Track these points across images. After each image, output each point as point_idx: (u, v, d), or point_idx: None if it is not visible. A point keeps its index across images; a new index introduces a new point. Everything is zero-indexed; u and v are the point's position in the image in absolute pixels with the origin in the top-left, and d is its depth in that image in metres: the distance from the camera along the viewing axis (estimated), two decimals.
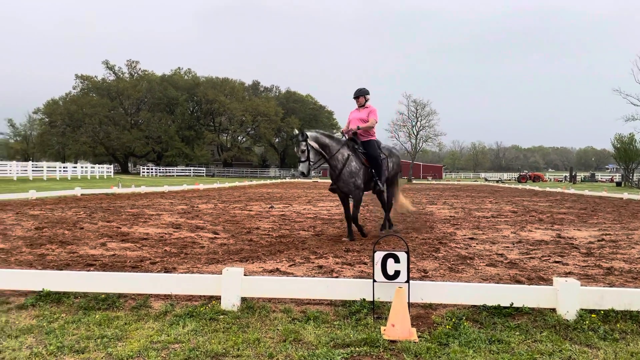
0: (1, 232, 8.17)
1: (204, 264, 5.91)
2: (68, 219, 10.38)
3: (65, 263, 5.85)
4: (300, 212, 13.23)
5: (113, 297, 4.08)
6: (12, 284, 4.16)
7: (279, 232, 9.06)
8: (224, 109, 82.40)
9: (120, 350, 3.15)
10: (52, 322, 3.64)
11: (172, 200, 17.81)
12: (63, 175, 41.48)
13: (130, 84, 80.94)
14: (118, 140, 74.46)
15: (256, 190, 29.23)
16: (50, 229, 8.65)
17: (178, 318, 3.74)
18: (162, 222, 10.32)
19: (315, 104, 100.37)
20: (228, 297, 3.90)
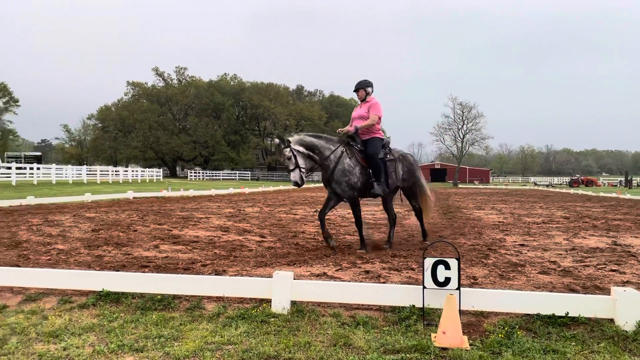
0: (60, 234, 8.57)
1: (252, 267, 6.02)
2: (122, 221, 10.78)
3: (121, 264, 6.09)
4: (345, 217, 13.23)
5: (168, 298, 4.22)
6: (74, 284, 4.37)
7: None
8: (269, 114, 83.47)
9: (176, 350, 3.26)
10: (112, 322, 3.80)
11: (219, 203, 18.19)
12: (115, 179, 43.04)
13: (178, 90, 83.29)
14: (167, 144, 76.64)
15: (300, 194, 29.46)
16: (105, 231, 9.01)
17: (230, 320, 3.83)
18: (211, 225, 10.56)
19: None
20: (278, 301, 3.97)
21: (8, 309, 4.13)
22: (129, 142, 76.90)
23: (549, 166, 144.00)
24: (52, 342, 3.41)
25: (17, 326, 3.68)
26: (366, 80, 7.65)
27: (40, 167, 35.84)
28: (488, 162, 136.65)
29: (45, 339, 3.45)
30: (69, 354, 3.20)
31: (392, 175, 7.56)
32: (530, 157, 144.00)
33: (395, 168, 7.66)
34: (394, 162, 7.65)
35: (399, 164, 7.76)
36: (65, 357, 3.15)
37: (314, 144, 7.07)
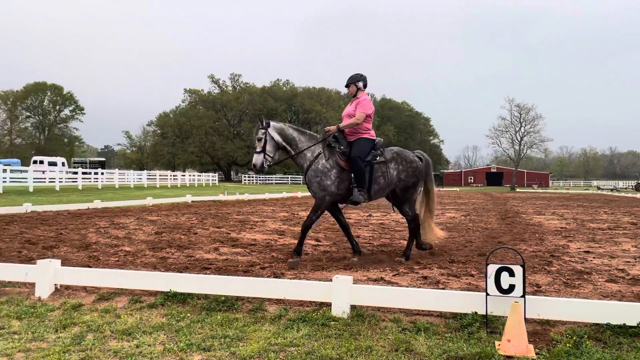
0: (126, 236, 8.97)
1: (310, 271, 6.09)
2: (182, 224, 11.16)
3: (184, 266, 6.31)
4: (399, 221, 13.13)
5: (232, 299, 4.35)
6: (143, 284, 4.58)
7: (379, 240, 9.10)
8: (320, 118, 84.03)
9: (242, 350, 3.36)
10: (180, 321, 3.96)
11: (273, 207, 18.48)
12: (173, 183, 44.56)
13: (233, 96, 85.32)
14: (222, 149, 78.64)
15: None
16: (168, 234, 9.35)
17: (292, 322, 3.91)
18: (267, 228, 10.76)
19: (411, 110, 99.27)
20: (338, 304, 4.01)
21: (83, 307, 4.38)
22: (186, 148, 79.42)
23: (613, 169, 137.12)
24: (126, 339, 3.59)
25: (93, 324, 3.90)
26: (357, 74, 7.02)
27: (104, 172, 37.62)
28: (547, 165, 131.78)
29: (119, 336, 3.64)
30: (141, 352, 3.36)
31: (379, 180, 6.74)
32: (593, 160, 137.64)
33: (385, 171, 6.77)
34: (384, 164, 6.77)
35: (391, 164, 6.83)
36: (138, 354, 3.31)
37: (293, 137, 6.71)
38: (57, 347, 3.40)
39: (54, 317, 4.07)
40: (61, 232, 9.31)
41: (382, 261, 6.83)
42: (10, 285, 4.98)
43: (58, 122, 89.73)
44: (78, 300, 4.53)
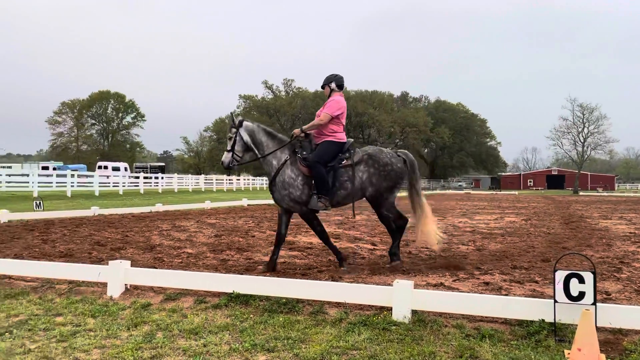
0: (188, 239, 9.28)
1: (367, 275, 6.09)
2: (240, 227, 11.42)
3: (244, 268, 6.46)
4: (457, 226, 12.91)
5: (293, 301, 4.42)
6: (208, 285, 4.73)
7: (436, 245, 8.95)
8: (373, 121, 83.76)
9: (305, 352, 3.42)
10: (243, 322, 4.07)
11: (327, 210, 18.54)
12: (229, 187, 45.60)
13: (286, 101, 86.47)
14: None
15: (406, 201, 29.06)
16: (227, 237, 9.60)
17: (353, 326, 3.93)
18: None
19: (466, 112, 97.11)
20: (399, 309, 4.00)
21: (152, 306, 4.57)
22: None
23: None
24: (193, 338, 3.72)
25: (162, 323, 4.07)
26: (331, 75, 6.71)
27: (164, 177, 39.01)
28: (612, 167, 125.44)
29: (186, 335, 3.78)
30: (208, 350, 3.48)
31: (346, 185, 6.28)
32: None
33: (352, 175, 6.29)
34: (351, 167, 6.27)
35: (360, 167, 6.33)
36: (205, 353, 3.43)
37: (261, 142, 6.40)
38: (130, 345, 3.57)
39: (126, 316, 4.27)
40: (127, 234, 9.73)
41: (441, 266, 6.74)
42: (84, 284, 5.27)
43: (121, 128, 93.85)
44: (147, 299, 4.73)
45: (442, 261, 7.11)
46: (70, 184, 27.13)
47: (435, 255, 7.68)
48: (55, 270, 5.31)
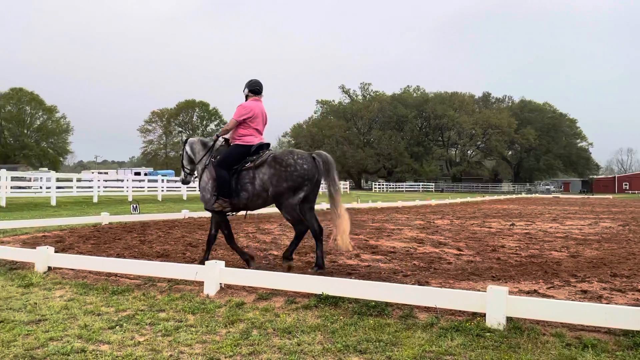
0: (273, 241, 9.55)
1: (455, 280, 5.98)
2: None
3: (329, 271, 6.56)
4: (547, 231, 12.32)
5: (381, 305, 4.45)
6: (298, 286, 4.87)
7: (527, 251, 8.62)
8: (453, 123, 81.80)
9: (397, 354, 3.43)
10: (334, 323, 4.15)
11: (407, 215, 18.37)
12: None
13: (363, 105, 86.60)
14: (352, 158, 79.99)
15: (490, 206, 28.15)
16: (309, 240, 9.75)
17: (445, 331, 3.89)
18: (405, 236, 10.74)
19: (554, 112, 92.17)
20: (494, 315, 3.90)
21: (245, 305, 4.77)
22: None
23: None
24: (287, 337, 3.85)
25: (256, 321, 4.24)
26: (248, 81, 6.87)
27: None
28: None
29: (280, 334, 3.92)
30: (302, 349, 3.58)
31: (247, 187, 6.35)
32: None
33: (254, 177, 6.34)
34: (253, 170, 6.36)
35: (262, 169, 6.33)
36: (300, 352, 3.54)
37: (197, 151, 6.81)
38: (228, 341, 3.76)
39: (222, 313, 4.49)
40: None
41: (532, 273, 6.49)
42: (181, 283, 5.59)
43: (205, 135, 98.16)
44: (240, 298, 4.95)
45: (534, 268, 6.83)
46: (160, 188, 28.77)
47: (526, 262, 7.39)
48: (156, 269, 5.68)
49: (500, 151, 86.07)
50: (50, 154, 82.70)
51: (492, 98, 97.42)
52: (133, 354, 3.53)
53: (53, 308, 4.71)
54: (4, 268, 6.59)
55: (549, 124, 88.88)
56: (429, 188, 75.12)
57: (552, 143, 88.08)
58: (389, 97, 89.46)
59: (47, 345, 3.72)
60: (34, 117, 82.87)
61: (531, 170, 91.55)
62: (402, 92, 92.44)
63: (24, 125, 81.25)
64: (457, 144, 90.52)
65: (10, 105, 80.00)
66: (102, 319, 4.36)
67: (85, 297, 5.16)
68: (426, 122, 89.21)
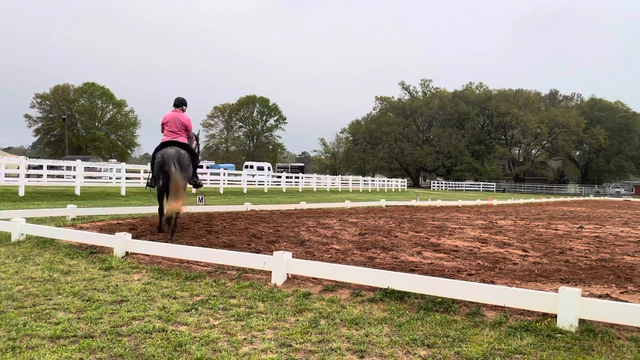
0: (334, 236, 9.67)
1: (522, 281, 5.87)
2: (381, 227, 11.60)
3: (391, 266, 6.60)
4: (618, 235, 11.77)
5: (448, 301, 4.46)
6: (364, 279, 4.95)
7: (597, 255, 8.29)
8: (517, 122, 79.12)
9: (466, 350, 3.45)
10: (400, 317, 4.20)
11: (467, 214, 18.03)
12: (364, 187, 46.24)
13: (423, 102, 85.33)
14: (410, 155, 79.09)
15: (555, 207, 27.11)
16: (370, 235, 9.83)
17: (514, 330, 3.86)
18: (467, 235, 10.59)
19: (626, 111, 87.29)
20: (565, 317, 3.84)
21: (312, 295, 4.91)
22: (376, 154, 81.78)
23: None
24: (354, 328, 3.95)
25: (323, 311, 4.37)
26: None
27: (304, 177, 40.78)
28: None
29: (347, 325, 4.02)
30: (370, 340, 3.67)
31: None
32: None
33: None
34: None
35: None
36: (368, 342, 3.63)
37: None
38: (298, 328, 3.91)
39: (290, 302, 4.65)
40: (278, 229, 10.43)
41: (603, 277, 6.26)
42: (249, 272, 5.81)
43: (264, 130, 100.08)
44: (307, 289, 5.09)
45: (606, 272, 6.59)
46: (222, 181, 29.62)
47: (597, 265, 7.13)
48: (226, 257, 5.93)
49: (567, 151, 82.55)
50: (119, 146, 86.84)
51: (559, 96, 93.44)
52: (209, 335, 3.74)
53: (133, 290, 5.03)
54: (85, 252, 7.07)
55: (620, 124, 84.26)
56: (490, 188, 73.10)
57: (623, 144, 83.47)
58: (450, 94, 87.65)
59: (130, 323, 4.00)
60: (105, 110, 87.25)
61: (600, 171, 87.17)
62: (464, 89, 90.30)
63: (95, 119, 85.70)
64: (520, 143, 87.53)
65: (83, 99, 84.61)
66: (179, 302, 4.62)
67: (161, 281, 5.47)
68: (488, 120, 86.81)
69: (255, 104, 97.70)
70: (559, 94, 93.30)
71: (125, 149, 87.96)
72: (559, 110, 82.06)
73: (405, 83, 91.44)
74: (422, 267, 6.64)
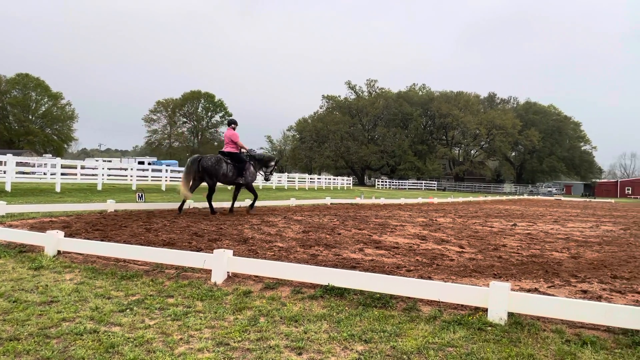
0: (277, 234, 9.64)
1: (457, 276, 6.07)
2: (326, 225, 11.68)
3: (333, 264, 6.64)
4: (548, 232, 12.39)
5: (386, 297, 4.55)
6: (304, 276, 4.97)
7: (528, 251, 8.70)
8: (457, 123, 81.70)
9: (401, 345, 3.53)
10: (339, 313, 4.25)
11: (409, 212, 18.45)
12: (310, 185, 46.36)
13: (368, 101, 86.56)
14: (356, 154, 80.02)
15: (492, 206, 28.21)
16: (314, 233, 9.87)
17: (447, 324, 3.98)
18: (408, 232, 10.83)
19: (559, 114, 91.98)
20: (495, 310, 4.00)
21: (252, 294, 4.87)
22: (322, 152, 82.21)
23: None
24: (294, 325, 3.95)
25: (263, 309, 4.34)
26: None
27: None
28: None
29: (287, 322, 4.02)
30: (309, 337, 3.68)
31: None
32: None
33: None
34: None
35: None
36: (306, 339, 3.64)
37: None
38: (236, 327, 3.86)
39: (229, 301, 4.59)
40: (221, 226, 10.28)
41: (533, 272, 6.58)
42: (189, 270, 5.69)
43: (209, 127, 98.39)
44: (247, 287, 5.05)
45: (536, 267, 6.92)
46: (164, 178, 28.88)
47: (527, 261, 7.47)
48: (164, 256, 5.78)
49: (503, 152, 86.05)
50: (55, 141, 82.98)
51: (497, 99, 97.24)
52: (144, 336, 3.63)
53: (64, 290, 4.82)
54: (14, 251, 6.70)
55: (553, 127, 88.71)
56: (432, 186, 75.15)
57: (555, 145, 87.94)
58: (394, 94, 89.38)
59: (60, 325, 3.83)
60: (39, 103, 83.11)
61: (534, 172, 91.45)
62: (408, 90, 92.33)
63: (29, 111, 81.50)
64: (460, 144, 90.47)
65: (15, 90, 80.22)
66: (113, 302, 4.47)
67: (95, 281, 5.26)
68: (431, 121, 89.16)
69: (200, 100, 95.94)
70: (496, 96, 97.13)
71: (61, 144, 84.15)
72: (497, 112, 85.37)
73: (351, 82, 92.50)
74: (363, 264, 6.73)
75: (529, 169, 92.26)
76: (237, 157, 13.30)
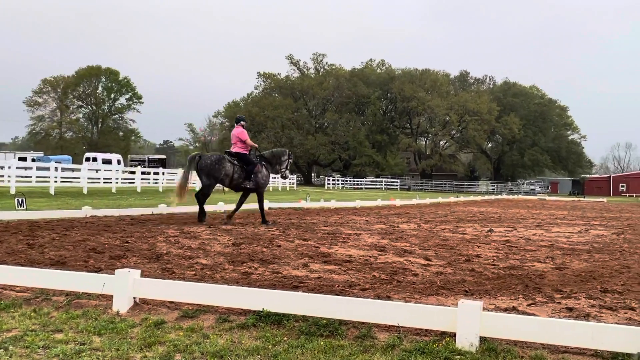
0: (200, 247, 9.54)
1: (422, 295, 6.21)
2: (262, 235, 11.66)
3: (271, 283, 6.65)
4: (530, 239, 12.89)
5: (334, 323, 4.59)
6: (233, 301, 4.94)
7: (506, 262, 9.02)
8: (423, 108, 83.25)
9: None
10: (276, 345, 4.25)
11: (366, 217, 18.71)
12: None
13: (315, 81, 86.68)
14: (301, 146, 79.92)
15: (464, 208, 29.04)
16: (247, 246, 9.84)
17: (408, 354, 4.06)
18: (363, 243, 10.98)
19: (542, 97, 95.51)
20: (465, 335, 4.11)
21: (166, 324, 4.80)
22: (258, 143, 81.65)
23: None
24: None
25: (179, 343, 4.28)
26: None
27: (165, 172, 39.72)
28: None
29: (210, 358, 3.98)
30: None
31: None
32: None
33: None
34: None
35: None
36: None
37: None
38: None
39: (137, 334, 4.50)
40: (127, 240, 10.07)
41: (511, 287, 6.82)
42: (84, 296, 5.53)
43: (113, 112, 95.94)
44: (160, 316, 4.96)
45: (514, 281, 7.17)
46: (54, 178, 27.95)
47: (504, 274, 7.73)
48: (51, 279, 5.60)
49: (478, 142, 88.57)
50: None
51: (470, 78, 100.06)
52: None
53: None
54: None
55: (535, 112, 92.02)
56: (394, 185, 76.46)
57: (538, 134, 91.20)
58: (347, 72, 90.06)
59: None
60: None
61: (514, 166, 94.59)
62: (364, 66, 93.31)
63: None
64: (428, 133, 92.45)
65: None
66: None
67: None
68: (392, 105, 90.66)
69: (100, 78, 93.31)
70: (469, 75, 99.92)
71: None
72: (470, 94, 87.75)
73: (294, 57, 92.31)
74: (308, 283, 6.77)
75: (508, 163, 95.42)
76: (246, 158, 14.23)
